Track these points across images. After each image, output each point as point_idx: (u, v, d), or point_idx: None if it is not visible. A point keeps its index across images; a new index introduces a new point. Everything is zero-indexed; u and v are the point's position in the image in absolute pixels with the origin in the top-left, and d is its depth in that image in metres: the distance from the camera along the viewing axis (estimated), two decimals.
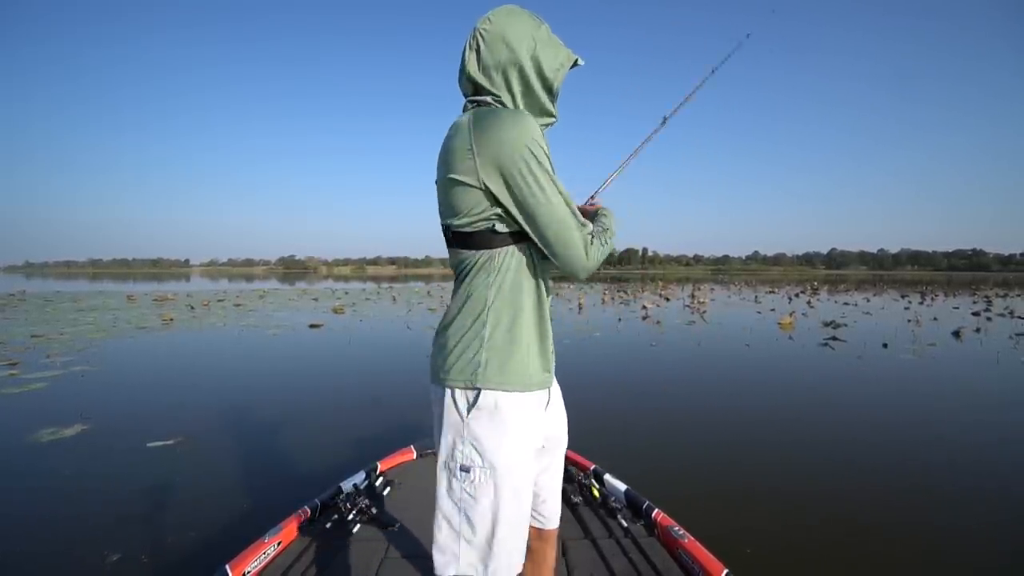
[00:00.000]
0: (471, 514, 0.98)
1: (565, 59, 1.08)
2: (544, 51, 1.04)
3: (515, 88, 1.03)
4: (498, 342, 0.99)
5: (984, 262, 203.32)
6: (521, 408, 1.01)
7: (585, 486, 2.30)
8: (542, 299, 1.06)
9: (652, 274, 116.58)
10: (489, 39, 1.01)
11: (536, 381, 1.03)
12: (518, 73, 1.02)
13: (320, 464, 3.33)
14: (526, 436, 1.02)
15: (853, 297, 22.27)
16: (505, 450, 0.98)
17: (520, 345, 1.00)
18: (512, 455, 0.99)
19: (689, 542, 1.76)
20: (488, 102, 1.02)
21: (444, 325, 1.05)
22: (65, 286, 35.42)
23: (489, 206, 0.96)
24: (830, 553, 2.40)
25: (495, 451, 0.98)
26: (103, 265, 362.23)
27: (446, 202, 1.01)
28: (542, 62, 1.03)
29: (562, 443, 1.24)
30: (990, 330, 10.53)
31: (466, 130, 0.95)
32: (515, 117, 0.95)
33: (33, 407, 4.68)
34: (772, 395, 5.33)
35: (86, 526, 2.55)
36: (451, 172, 0.97)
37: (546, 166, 0.95)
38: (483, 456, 0.98)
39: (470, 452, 0.98)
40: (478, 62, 1.02)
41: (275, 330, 10.41)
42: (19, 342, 8.50)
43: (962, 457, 3.58)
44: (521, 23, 1.02)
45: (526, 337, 1.01)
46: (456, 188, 0.97)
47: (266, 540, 1.79)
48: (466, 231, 1.00)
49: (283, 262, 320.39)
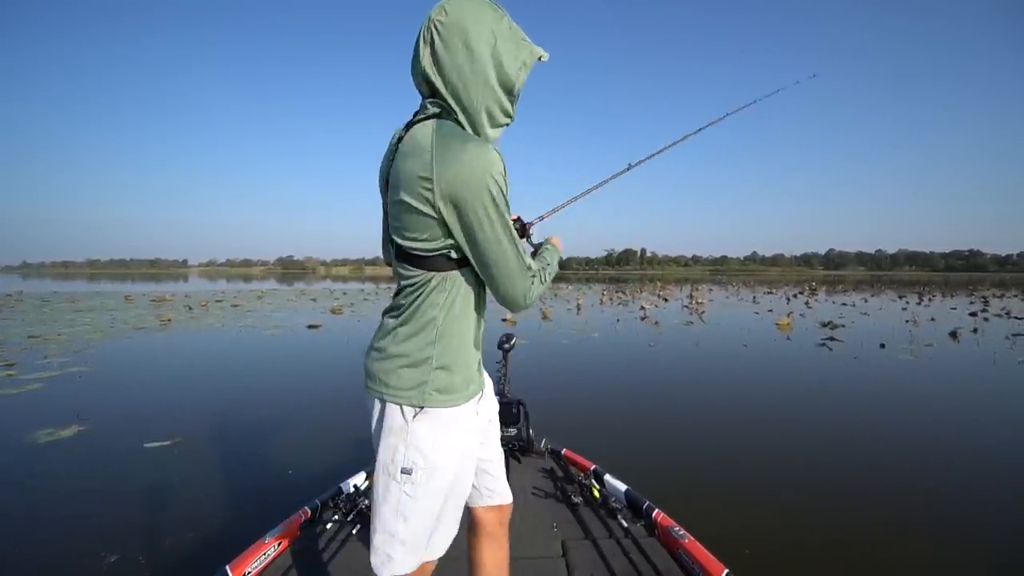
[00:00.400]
0: (408, 514, 1.00)
1: (528, 56, 0.99)
2: (505, 47, 0.95)
3: (471, 88, 0.94)
4: (445, 363, 1.00)
5: (981, 263, 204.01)
6: (462, 416, 1.04)
7: (585, 486, 2.30)
8: (483, 318, 1.09)
9: (650, 275, 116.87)
10: (444, 33, 0.92)
11: (474, 390, 1.07)
12: (474, 71, 0.93)
13: (320, 465, 3.32)
14: (467, 438, 1.07)
15: (851, 297, 22.33)
16: (448, 451, 1.01)
17: (465, 364, 1.03)
18: (454, 456, 1.03)
19: (689, 542, 1.76)
20: (449, 106, 0.96)
21: (389, 340, 1.01)
22: (62, 286, 35.31)
23: (443, 235, 0.94)
24: (829, 553, 2.40)
25: (437, 452, 1.00)
26: (101, 265, 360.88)
27: (398, 220, 0.97)
28: (503, 60, 0.95)
29: (494, 417, 1.27)
30: (987, 331, 10.57)
31: (428, 155, 0.90)
32: (481, 151, 0.90)
33: (30, 408, 4.66)
34: (770, 395, 5.34)
35: (84, 527, 2.54)
36: (407, 196, 0.92)
37: (503, 209, 0.92)
38: (425, 457, 0.99)
39: (413, 455, 0.98)
40: (433, 58, 0.94)
41: (273, 331, 10.39)
42: (16, 342, 8.47)
43: (960, 457, 3.59)
44: (480, 14, 0.93)
45: (470, 355, 1.04)
46: (411, 213, 0.93)
47: (266, 541, 1.79)
48: (419, 254, 0.97)
49: (281, 262, 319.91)
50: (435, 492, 1.02)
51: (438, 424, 1.00)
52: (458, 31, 0.92)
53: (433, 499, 1.02)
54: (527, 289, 1.00)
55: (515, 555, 1.85)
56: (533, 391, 3.55)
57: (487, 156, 0.90)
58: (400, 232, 0.97)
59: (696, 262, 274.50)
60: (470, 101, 0.95)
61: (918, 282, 51.94)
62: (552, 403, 4.72)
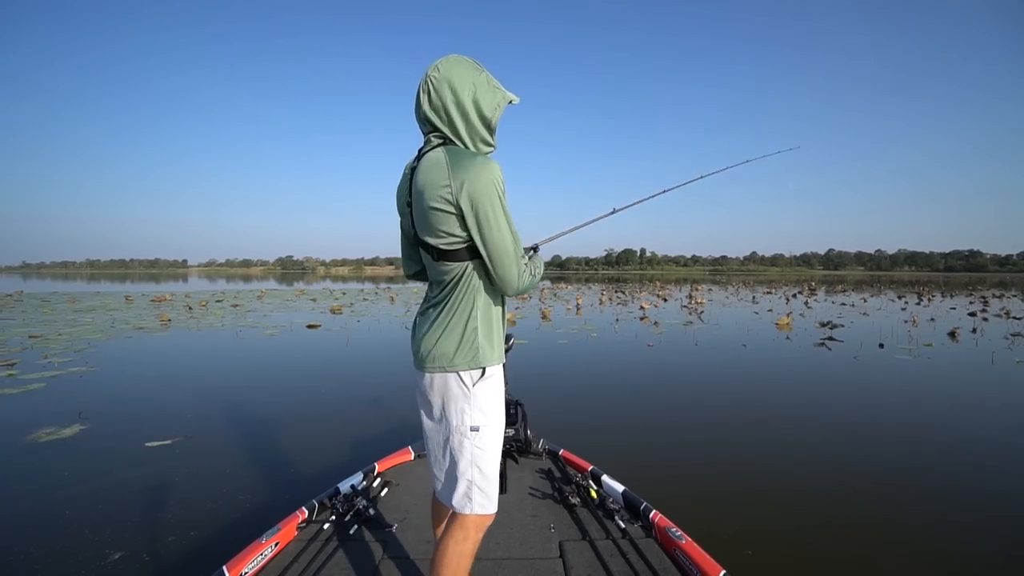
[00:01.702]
0: (482, 464, 1.30)
1: (501, 100, 1.30)
2: (483, 94, 1.25)
3: (459, 125, 1.24)
4: (485, 333, 1.29)
5: (981, 263, 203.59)
6: (501, 374, 1.36)
7: (583, 487, 2.30)
8: (502, 297, 1.37)
9: (650, 274, 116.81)
10: (437, 84, 1.22)
11: (501, 355, 1.36)
12: (461, 112, 1.24)
13: (318, 465, 3.33)
14: (503, 393, 1.39)
15: (851, 297, 22.34)
16: (500, 407, 1.34)
17: (496, 332, 1.33)
18: (502, 410, 1.36)
19: (687, 543, 1.77)
20: (448, 137, 1.25)
21: (440, 324, 1.29)
22: (62, 287, 35.31)
23: (461, 227, 1.21)
24: (828, 553, 2.41)
25: (495, 410, 1.32)
26: (101, 265, 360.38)
27: (428, 227, 1.24)
28: (481, 103, 1.25)
29: None
30: (986, 331, 10.57)
31: (445, 168, 1.18)
32: (485, 161, 1.19)
33: (31, 407, 4.67)
34: (769, 395, 5.34)
35: (85, 526, 2.55)
36: (432, 201, 1.19)
37: (504, 204, 1.20)
38: (486, 415, 1.29)
39: (479, 415, 1.28)
40: (429, 103, 1.24)
41: (273, 330, 10.40)
42: (17, 342, 8.47)
43: (958, 457, 3.59)
44: (463, 70, 1.24)
45: (498, 326, 1.34)
46: (438, 215, 1.20)
47: (264, 541, 1.80)
48: (449, 249, 1.24)
49: (281, 262, 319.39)
50: (497, 441, 1.33)
51: (490, 385, 1.30)
52: (447, 83, 1.22)
53: (497, 448, 1.33)
54: (520, 271, 1.27)
55: (512, 555, 1.86)
56: (531, 391, 3.57)
57: (491, 164, 1.20)
58: (433, 234, 1.24)
59: (695, 262, 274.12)
60: (461, 134, 1.25)
61: (917, 282, 51.93)
62: (550, 403, 4.73)
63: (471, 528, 1.32)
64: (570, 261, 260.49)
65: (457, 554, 1.31)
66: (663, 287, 33.16)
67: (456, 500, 1.31)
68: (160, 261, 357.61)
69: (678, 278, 72.34)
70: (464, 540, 1.32)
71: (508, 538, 1.97)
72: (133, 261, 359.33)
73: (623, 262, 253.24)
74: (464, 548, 1.31)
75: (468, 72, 1.24)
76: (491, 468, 1.32)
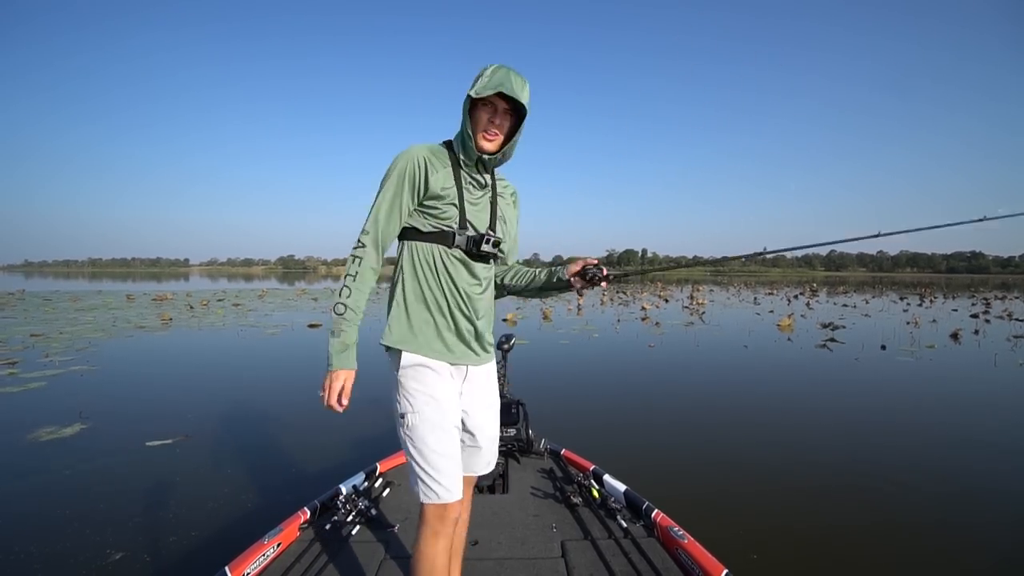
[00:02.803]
0: (415, 452, 1.27)
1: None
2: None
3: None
4: (406, 314, 1.36)
5: (983, 264, 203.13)
6: (438, 368, 1.31)
7: (584, 487, 2.29)
8: (448, 287, 1.35)
9: (651, 275, 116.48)
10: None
11: (478, 349, 1.39)
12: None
13: (319, 465, 3.32)
14: (445, 389, 1.31)
15: (852, 299, 22.30)
16: (427, 401, 1.27)
17: (424, 321, 1.34)
18: (434, 404, 1.27)
19: (689, 543, 1.76)
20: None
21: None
22: (64, 285, 35.37)
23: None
24: (829, 553, 2.40)
25: (421, 403, 1.27)
26: (102, 264, 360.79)
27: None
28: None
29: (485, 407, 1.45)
30: (988, 332, 10.55)
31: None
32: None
33: (32, 406, 4.68)
34: (770, 396, 5.34)
35: (86, 526, 2.55)
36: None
37: (386, 184, 1.29)
38: (412, 405, 1.27)
39: (404, 402, 1.28)
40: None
41: (274, 330, 10.40)
42: (18, 341, 8.49)
43: (960, 459, 3.59)
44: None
45: (432, 316, 1.35)
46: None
47: (265, 542, 1.79)
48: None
49: (282, 262, 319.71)
50: (426, 432, 1.27)
51: (416, 376, 1.31)
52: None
53: (429, 438, 1.26)
54: (352, 256, 1.31)
55: (514, 555, 1.86)
56: (533, 391, 3.56)
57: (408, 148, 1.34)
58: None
59: (696, 263, 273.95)
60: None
61: (919, 283, 51.85)
62: (552, 403, 4.72)
63: (428, 519, 1.27)
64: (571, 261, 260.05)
65: (424, 555, 1.26)
66: (664, 287, 33.12)
67: (412, 487, 1.29)
68: (162, 260, 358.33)
69: (679, 279, 72.24)
70: (430, 536, 1.26)
71: (510, 538, 1.96)
72: (135, 260, 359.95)
73: (624, 262, 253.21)
74: (432, 547, 1.26)
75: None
76: (430, 456, 1.25)
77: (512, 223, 1.49)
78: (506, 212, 1.45)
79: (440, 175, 1.30)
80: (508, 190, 1.49)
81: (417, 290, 1.31)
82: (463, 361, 1.34)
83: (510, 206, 1.48)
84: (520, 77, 1.26)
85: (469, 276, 1.35)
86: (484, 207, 1.39)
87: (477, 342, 1.36)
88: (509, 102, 1.28)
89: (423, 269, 1.31)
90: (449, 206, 1.31)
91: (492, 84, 1.23)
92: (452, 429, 1.30)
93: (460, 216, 1.32)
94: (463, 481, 1.33)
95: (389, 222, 1.29)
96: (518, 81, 1.25)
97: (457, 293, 1.32)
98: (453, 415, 1.31)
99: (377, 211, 1.28)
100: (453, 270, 1.32)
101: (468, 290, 1.34)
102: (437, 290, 1.31)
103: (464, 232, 1.32)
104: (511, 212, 1.48)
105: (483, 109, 1.28)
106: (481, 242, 1.33)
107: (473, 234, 1.33)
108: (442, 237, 1.31)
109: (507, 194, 1.48)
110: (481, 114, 1.29)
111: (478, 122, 1.29)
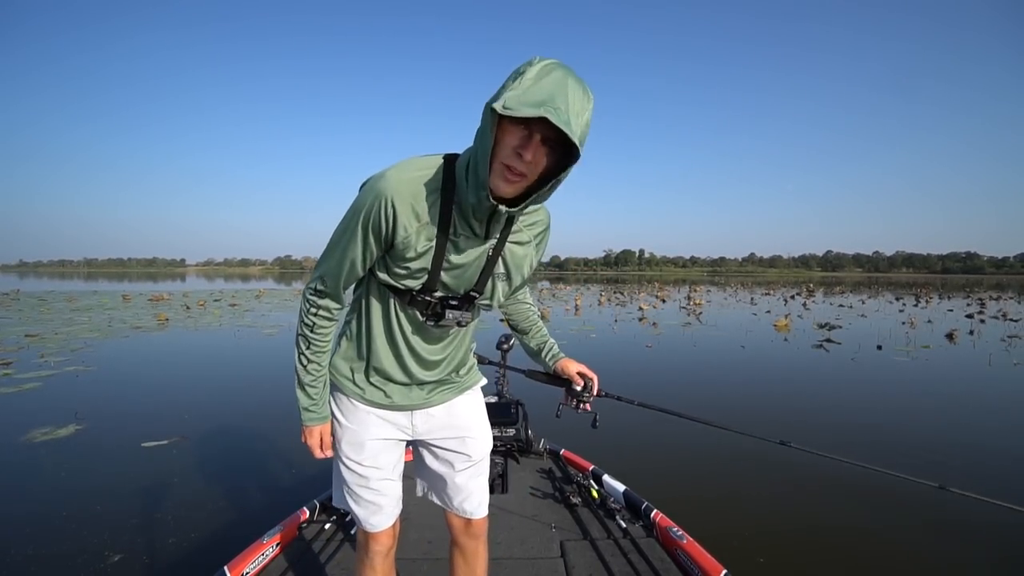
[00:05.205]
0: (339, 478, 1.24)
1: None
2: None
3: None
4: (346, 349, 1.20)
5: (978, 265, 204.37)
6: (359, 416, 1.18)
7: (584, 487, 2.30)
8: (394, 330, 1.12)
9: (648, 275, 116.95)
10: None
11: (392, 391, 1.18)
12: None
13: (319, 465, 3.30)
14: (361, 440, 1.18)
15: (848, 299, 22.39)
16: (342, 440, 1.19)
17: (359, 363, 1.18)
18: (351, 446, 1.18)
19: (688, 543, 1.77)
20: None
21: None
22: (60, 285, 35.21)
23: None
24: (828, 553, 2.41)
25: (338, 439, 1.20)
26: (98, 264, 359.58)
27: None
28: None
29: (463, 443, 1.29)
30: (983, 333, 10.62)
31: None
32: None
33: (27, 407, 4.65)
34: (768, 396, 5.35)
35: (83, 527, 2.54)
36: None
37: (348, 220, 0.99)
38: (336, 436, 1.20)
39: (336, 427, 1.21)
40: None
41: (271, 330, 10.38)
42: (13, 341, 8.44)
43: (956, 459, 3.60)
44: None
45: (369, 360, 1.17)
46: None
47: (265, 541, 1.79)
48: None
49: (279, 262, 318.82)
50: (343, 463, 1.21)
51: (340, 411, 1.21)
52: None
53: (344, 469, 1.21)
54: (305, 295, 1.11)
55: (513, 555, 1.86)
56: (532, 391, 3.55)
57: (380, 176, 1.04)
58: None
59: (694, 263, 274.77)
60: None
61: (915, 284, 52.11)
62: (551, 403, 4.71)
63: (359, 542, 1.27)
64: (569, 262, 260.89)
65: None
66: (662, 288, 33.20)
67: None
68: (158, 260, 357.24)
69: (676, 279, 72.43)
70: (357, 563, 1.28)
71: (509, 538, 1.96)
72: (131, 260, 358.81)
73: (622, 263, 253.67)
74: (360, 569, 1.26)
75: None
76: (352, 487, 1.18)
77: (523, 267, 1.09)
78: (514, 260, 1.06)
79: (413, 234, 0.93)
80: (533, 230, 1.07)
81: (363, 327, 1.11)
82: (403, 406, 1.17)
83: (526, 250, 1.08)
84: (581, 86, 0.81)
85: (423, 342, 1.09)
86: (474, 264, 1.01)
87: (420, 388, 1.16)
88: (553, 130, 0.80)
89: (376, 306, 1.08)
90: (419, 270, 0.98)
91: (533, 98, 0.77)
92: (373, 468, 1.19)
93: (429, 280, 0.99)
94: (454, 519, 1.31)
95: (349, 271, 1.02)
96: (576, 97, 0.79)
97: (407, 350, 1.09)
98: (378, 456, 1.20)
99: (330, 255, 1.02)
100: (405, 326, 1.07)
101: (421, 351, 1.10)
102: (383, 330, 1.08)
103: (426, 295, 1.01)
104: (525, 258, 1.08)
105: (513, 129, 0.82)
106: (444, 312, 1.03)
107: (439, 297, 1.02)
108: (396, 291, 1.02)
109: (527, 236, 1.06)
110: (509, 136, 0.83)
111: (502, 147, 0.83)
